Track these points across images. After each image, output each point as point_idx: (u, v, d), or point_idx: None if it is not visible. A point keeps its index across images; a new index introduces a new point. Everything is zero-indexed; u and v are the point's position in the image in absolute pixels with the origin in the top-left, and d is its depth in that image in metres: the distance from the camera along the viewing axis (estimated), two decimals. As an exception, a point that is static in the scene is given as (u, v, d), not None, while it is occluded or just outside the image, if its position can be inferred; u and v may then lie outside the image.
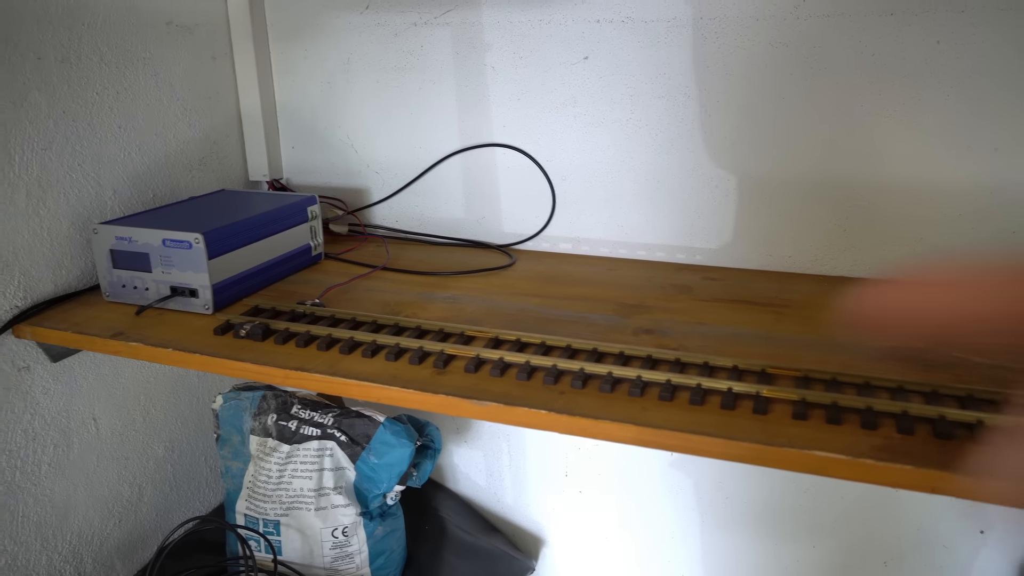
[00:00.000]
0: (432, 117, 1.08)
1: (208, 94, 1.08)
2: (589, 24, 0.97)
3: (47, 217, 0.86)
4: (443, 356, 0.71)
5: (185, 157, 1.05)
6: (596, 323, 0.80)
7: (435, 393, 0.65)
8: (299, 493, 0.94)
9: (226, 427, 0.99)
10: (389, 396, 0.67)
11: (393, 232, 1.14)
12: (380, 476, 0.94)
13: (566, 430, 0.62)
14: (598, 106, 0.99)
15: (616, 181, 1.00)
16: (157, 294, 0.85)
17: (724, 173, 0.95)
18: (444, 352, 0.71)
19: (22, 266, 0.84)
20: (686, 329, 0.77)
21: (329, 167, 1.16)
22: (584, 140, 1.01)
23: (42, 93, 0.84)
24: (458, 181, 1.09)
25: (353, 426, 0.94)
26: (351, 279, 0.93)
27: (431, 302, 0.86)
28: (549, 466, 1.16)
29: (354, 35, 1.08)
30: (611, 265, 1.00)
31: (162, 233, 0.83)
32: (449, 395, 0.65)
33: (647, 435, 0.60)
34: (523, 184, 1.05)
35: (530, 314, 0.82)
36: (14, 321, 0.82)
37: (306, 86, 1.14)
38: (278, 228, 0.94)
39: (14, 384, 0.84)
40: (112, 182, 0.94)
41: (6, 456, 0.84)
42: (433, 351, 0.72)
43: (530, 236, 1.07)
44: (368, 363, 0.71)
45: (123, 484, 0.99)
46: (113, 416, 0.97)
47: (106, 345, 0.79)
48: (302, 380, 0.70)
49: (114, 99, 0.93)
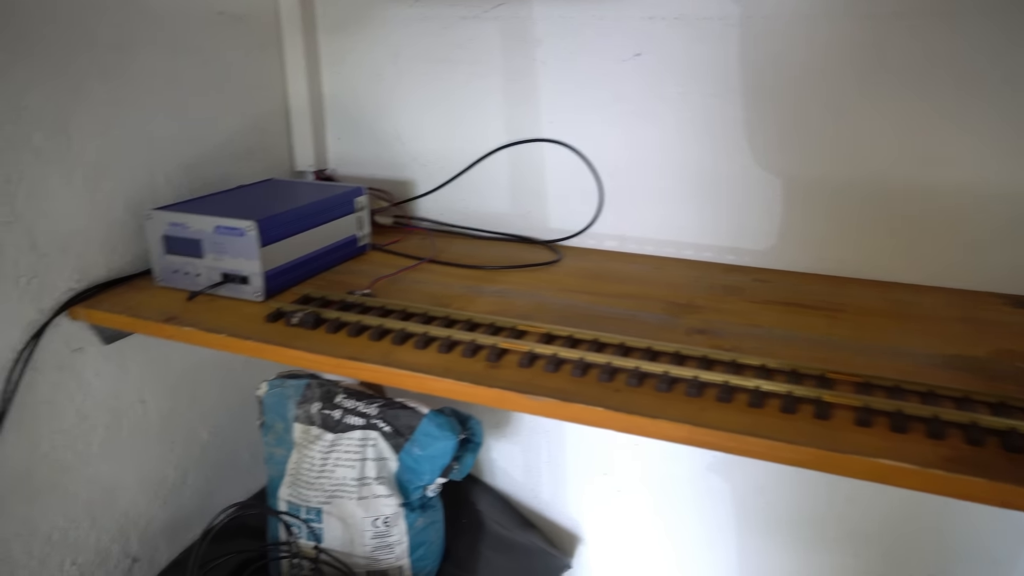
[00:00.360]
0: (479, 111, 1.07)
1: (256, 84, 1.09)
2: (642, 21, 0.96)
3: (102, 201, 0.87)
4: (496, 350, 0.70)
5: (234, 146, 1.06)
6: (647, 321, 0.79)
7: (490, 387, 0.65)
8: (341, 482, 0.95)
9: (270, 414, 1.00)
10: (443, 388, 0.67)
11: (437, 225, 1.14)
12: (423, 468, 0.94)
13: (622, 428, 0.62)
14: (648, 104, 0.98)
15: (664, 180, 0.99)
16: (208, 280, 0.85)
17: (774, 174, 0.94)
18: (497, 346, 0.71)
19: (78, 249, 0.85)
20: (739, 330, 0.76)
21: (374, 159, 1.17)
22: (633, 138, 1.00)
23: (99, 80, 0.85)
24: (504, 176, 1.09)
25: (397, 417, 0.95)
26: (399, 270, 0.94)
27: (479, 296, 0.86)
28: (588, 464, 1.15)
29: (403, 28, 1.08)
30: (658, 264, 0.99)
31: (215, 220, 0.83)
32: (504, 389, 0.65)
33: (705, 436, 0.59)
34: (570, 180, 1.05)
35: (579, 311, 0.82)
36: (70, 303, 0.83)
37: (353, 78, 1.14)
38: (327, 218, 0.94)
39: (68, 365, 0.85)
40: (164, 169, 0.95)
41: (60, 435, 0.85)
42: (486, 344, 0.72)
43: (576, 232, 1.06)
44: (420, 354, 0.71)
45: (168, 467, 1.01)
46: (161, 400, 0.98)
47: (160, 329, 0.79)
48: (355, 369, 0.71)
49: (167, 87, 0.94)
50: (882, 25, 0.84)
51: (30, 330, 0.80)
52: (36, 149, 0.79)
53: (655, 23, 0.95)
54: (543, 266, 0.97)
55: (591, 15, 0.98)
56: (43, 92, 0.79)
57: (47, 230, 0.81)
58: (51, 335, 0.83)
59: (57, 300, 0.83)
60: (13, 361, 0.79)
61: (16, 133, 0.77)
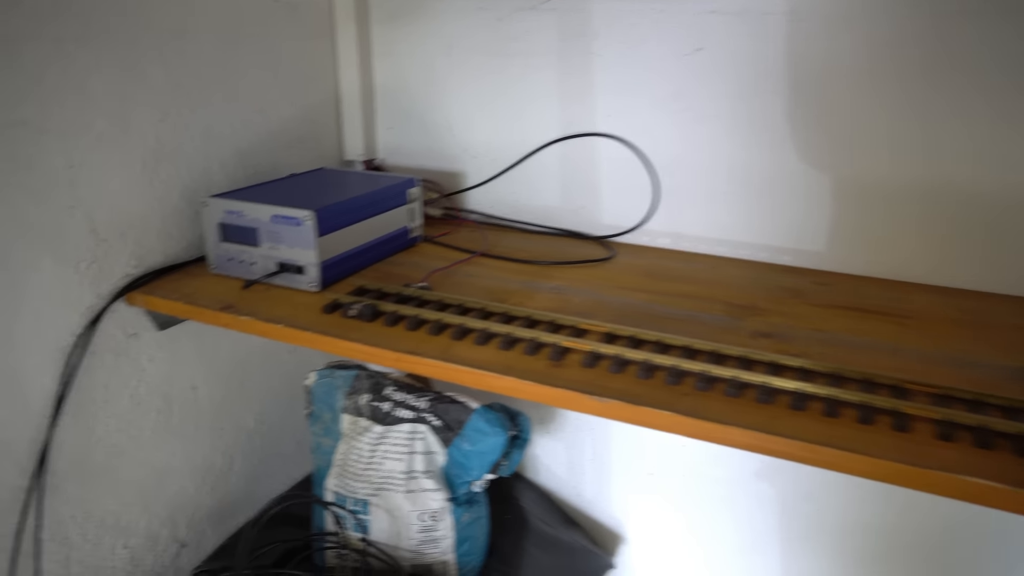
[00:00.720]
0: (533, 104, 1.06)
1: (309, 73, 1.09)
2: (703, 15, 0.93)
3: (160, 187, 0.87)
4: (558, 348, 0.69)
5: (286, 134, 1.05)
6: (708, 323, 0.77)
7: (553, 386, 0.64)
8: (389, 474, 0.94)
9: (319, 404, 0.99)
10: (505, 386, 0.66)
11: (487, 218, 1.12)
12: (472, 463, 0.93)
13: (692, 433, 0.60)
14: (707, 100, 0.96)
15: (721, 177, 0.97)
16: (264, 269, 0.85)
17: (832, 175, 0.91)
18: (559, 344, 0.70)
19: (136, 235, 0.85)
20: (805, 335, 0.74)
21: (425, 149, 1.16)
22: (690, 134, 0.98)
23: (159, 66, 0.85)
24: (556, 169, 1.07)
25: (447, 411, 0.94)
26: (453, 263, 0.93)
27: (536, 291, 0.85)
28: (633, 463, 1.14)
29: (457, 18, 1.07)
30: (713, 263, 0.97)
31: (272, 209, 0.83)
32: (569, 389, 0.63)
33: (778, 445, 0.57)
34: (624, 176, 1.03)
35: (638, 309, 0.80)
36: (127, 288, 0.84)
37: (405, 68, 1.13)
38: (380, 209, 0.93)
39: (124, 350, 0.86)
40: (219, 156, 0.95)
41: (115, 420, 0.86)
42: (547, 342, 0.70)
43: (629, 229, 1.04)
44: (481, 351, 0.70)
45: (216, 453, 1.01)
46: (212, 386, 0.98)
47: (216, 317, 0.79)
48: (414, 364, 0.70)
49: (223, 74, 0.94)
50: (949, 22, 0.81)
51: (89, 315, 0.80)
52: (98, 134, 0.79)
53: (717, 17, 0.93)
54: (598, 263, 0.96)
55: (650, 8, 0.96)
56: (105, 77, 0.79)
57: (106, 216, 0.81)
58: (108, 320, 0.83)
59: (115, 285, 0.83)
60: (72, 345, 0.79)
61: (80, 118, 0.77)
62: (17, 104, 0.71)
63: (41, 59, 0.72)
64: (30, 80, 0.72)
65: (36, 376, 0.76)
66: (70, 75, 0.75)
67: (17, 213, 0.72)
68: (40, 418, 0.77)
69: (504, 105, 1.08)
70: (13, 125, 0.71)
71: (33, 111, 0.72)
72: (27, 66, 0.71)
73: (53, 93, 0.74)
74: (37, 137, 0.73)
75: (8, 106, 0.70)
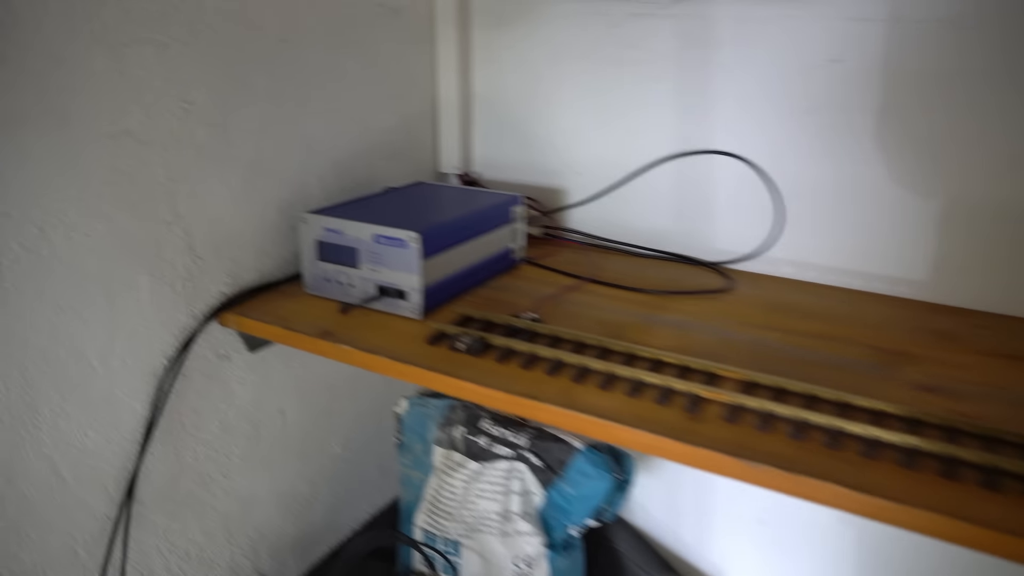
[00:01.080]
0: (646, 117, 0.98)
1: (408, 81, 1.03)
2: (845, 22, 0.84)
3: (257, 202, 0.83)
4: (693, 398, 0.61)
5: (384, 145, 1.01)
6: (857, 371, 0.68)
7: (695, 445, 0.56)
8: (484, 515, 0.88)
9: (409, 434, 0.94)
10: (638, 441, 0.59)
11: (590, 238, 1.05)
12: (573, 508, 0.86)
13: (862, 511, 0.52)
14: (844, 117, 0.86)
15: (856, 202, 0.88)
16: (363, 292, 0.80)
17: (995, 205, 0.81)
18: (694, 394, 0.62)
19: (231, 252, 0.81)
20: (978, 391, 0.65)
21: (524, 163, 1.09)
22: (822, 154, 0.88)
23: (262, 73, 0.81)
24: (668, 189, 0.99)
25: (548, 450, 0.87)
26: (560, 290, 0.86)
27: (654, 326, 0.77)
28: (741, 508, 1.05)
29: (566, 23, 1.00)
30: (845, 297, 0.88)
31: (374, 228, 0.77)
32: (714, 450, 0.56)
33: (972, 534, 0.48)
34: (743, 197, 0.94)
35: (773, 351, 0.72)
36: (221, 309, 0.79)
37: (507, 76, 1.07)
38: (484, 228, 0.87)
39: (214, 373, 0.82)
40: (317, 168, 0.90)
41: (203, 446, 0.82)
42: (680, 390, 0.63)
43: (747, 256, 0.96)
44: (605, 396, 0.63)
45: (301, 481, 0.96)
46: (299, 410, 0.94)
47: (313, 344, 0.74)
48: (532, 409, 0.63)
49: (325, 81, 0.89)
50: None
51: (183, 336, 0.76)
52: (199, 146, 0.75)
53: (861, 25, 0.83)
54: (716, 293, 0.87)
55: (781, 14, 0.87)
56: (209, 85, 0.75)
57: (204, 231, 0.77)
58: (201, 341, 0.79)
59: (209, 305, 0.79)
60: (166, 368, 0.75)
61: (182, 129, 0.73)
62: (121, 114, 0.67)
63: (145, 65, 0.68)
64: (133, 87, 0.68)
65: (128, 400, 0.72)
66: (173, 82, 0.71)
67: (117, 228, 0.69)
68: (130, 444, 0.73)
69: (614, 118, 1.00)
70: (116, 136, 0.67)
71: (136, 121, 0.68)
72: (131, 72, 0.67)
73: (156, 101, 0.70)
74: (139, 148, 0.69)
75: (112, 115, 0.66)
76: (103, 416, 0.70)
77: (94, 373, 0.69)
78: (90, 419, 0.69)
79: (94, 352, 0.69)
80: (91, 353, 0.68)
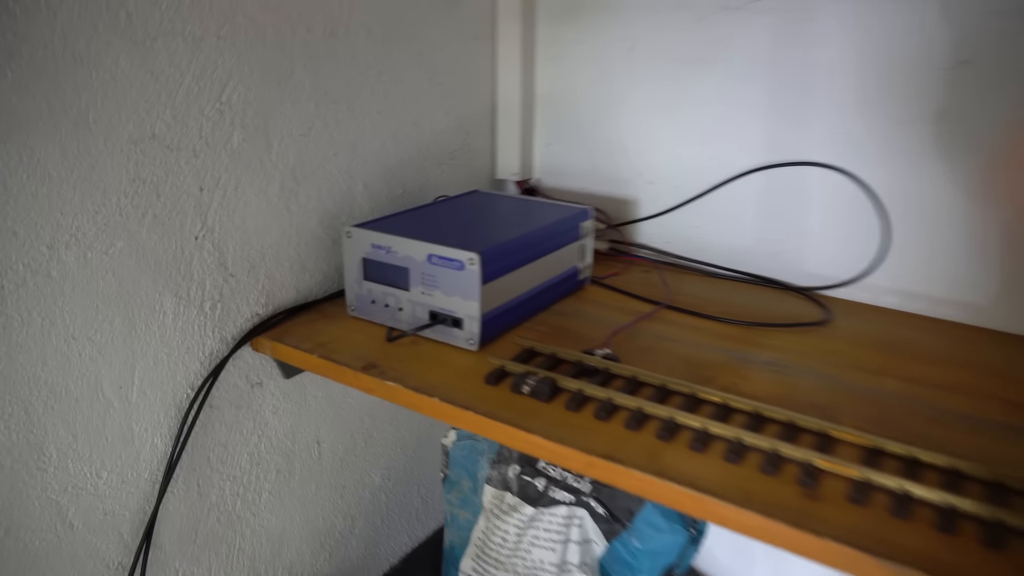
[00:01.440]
0: (732, 123, 0.87)
1: (467, 79, 0.94)
2: (975, 16, 0.72)
3: (298, 213, 0.74)
4: (810, 469, 0.51)
5: (437, 149, 0.91)
6: (999, 435, 0.57)
7: (818, 535, 0.46)
8: (538, 565, 0.78)
9: (456, 468, 0.85)
10: (745, 524, 0.48)
11: (662, 255, 0.95)
12: (641, 564, 0.76)
13: (1042, 638, 0.41)
14: (971, 126, 0.74)
15: (978, 227, 0.76)
16: (412, 317, 0.71)
17: None
18: (811, 464, 0.51)
19: (267, 269, 0.72)
20: None
21: (589, 171, 0.99)
22: (942, 168, 0.77)
23: (307, 71, 0.72)
24: (754, 202, 0.88)
25: (614, 497, 0.77)
26: (635, 320, 0.75)
27: (747, 367, 0.67)
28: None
29: (644, 18, 0.90)
30: (963, 334, 0.76)
31: (429, 247, 0.68)
32: (844, 544, 0.45)
33: None
34: (841, 216, 0.83)
35: (895, 406, 0.61)
36: (254, 332, 0.71)
37: (575, 75, 0.97)
38: (551, 247, 0.77)
39: (246, 402, 0.73)
40: (364, 175, 0.81)
41: (230, 483, 0.73)
42: (792, 458, 0.52)
43: (843, 282, 0.84)
44: (698, 460, 0.53)
45: (337, 515, 0.88)
46: (336, 440, 0.85)
47: (356, 379, 0.65)
48: (613, 473, 0.53)
49: (376, 80, 0.80)
50: None
51: (211, 363, 0.68)
52: (234, 151, 0.66)
53: (995, 19, 0.71)
54: (814, 326, 0.76)
55: (893, 8, 0.76)
56: (248, 84, 0.66)
57: (237, 247, 0.69)
58: (231, 368, 0.71)
59: (241, 328, 0.70)
60: (191, 400, 0.67)
61: (215, 132, 0.64)
62: (146, 116, 0.59)
63: (176, 60, 0.60)
64: (161, 84, 0.59)
65: (147, 436, 0.64)
66: (207, 79, 0.63)
67: (139, 245, 0.60)
68: (148, 484, 0.65)
69: (695, 123, 0.90)
70: (139, 140, 0.59)
71: (163, 124, 0.60)
72: (159, 70, 0.59)
73: (187, 102, 0.61)
74: (165, 155, 0.61)
75: (136, 118, 0.58)
76: (119, 454, 0.62)
77: (109, 407, 0.61)
78: (104, 458, 0.61)
79: (110, 384, 0.61)
80: (107, 385, 0.60)
